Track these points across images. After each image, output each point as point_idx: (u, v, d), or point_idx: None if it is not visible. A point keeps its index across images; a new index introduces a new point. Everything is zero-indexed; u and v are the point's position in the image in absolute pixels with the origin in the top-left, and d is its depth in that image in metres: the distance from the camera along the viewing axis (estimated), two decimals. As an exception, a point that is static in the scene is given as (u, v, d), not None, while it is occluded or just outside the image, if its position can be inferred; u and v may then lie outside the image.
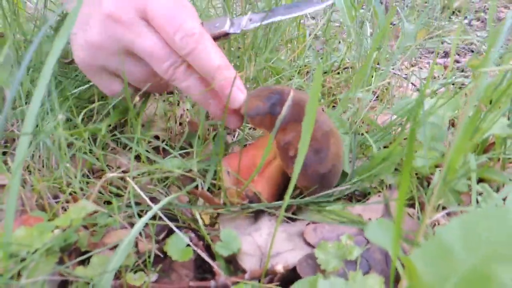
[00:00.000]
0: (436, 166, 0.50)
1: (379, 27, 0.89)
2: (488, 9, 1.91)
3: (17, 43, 0.78)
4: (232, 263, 0.43)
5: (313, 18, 2.38)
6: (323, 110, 0.79)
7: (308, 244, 0.44)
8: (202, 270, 0.43)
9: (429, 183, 0.52)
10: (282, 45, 0.99)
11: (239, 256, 0.42)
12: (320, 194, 0.48)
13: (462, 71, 1.35)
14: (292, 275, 0.40)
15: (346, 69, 0.93)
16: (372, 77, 0.84)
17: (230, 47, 0.89)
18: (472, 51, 1.57)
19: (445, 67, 1.43)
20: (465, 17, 1.84)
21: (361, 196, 0.54)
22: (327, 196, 0.49)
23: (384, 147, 0.59)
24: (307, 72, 1.02)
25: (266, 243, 0.43)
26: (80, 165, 0.50)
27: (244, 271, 0.41)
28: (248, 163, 0.48)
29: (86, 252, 0.44)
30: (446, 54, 1.59)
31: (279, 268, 0.38)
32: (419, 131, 0.49)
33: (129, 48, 0.49)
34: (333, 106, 0.83)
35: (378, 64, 0.91)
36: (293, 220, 0.48)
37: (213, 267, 0.40)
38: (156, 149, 0.62)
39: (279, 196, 0.49)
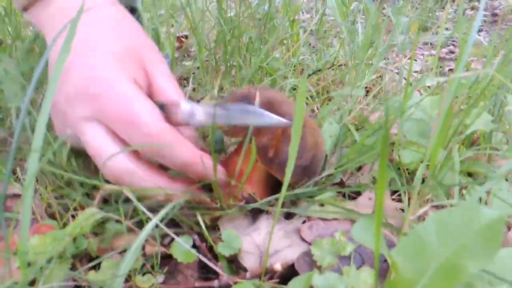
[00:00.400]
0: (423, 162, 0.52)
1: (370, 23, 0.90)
2: (481, -3, 1.91)
3: (16, 50, 0.80)
4: (234, 263, 0.45)
5: (308, 12, 2.39)
6: (313, 112, 0.81)
7: (305, 240, 0.47)
8: (206, 270, 0.45)
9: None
10: (276, 44, 1.00)
11: (240, 255, 0.45)
12: (309, 183, 0.50)
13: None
14: (290, 271, 0.43)
15: (340, 66, 0.95)
16: (366, 73, 0.86)
17: (226, 49, 0.91)
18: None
19: (440, 58, 1.44)
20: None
21: (354, 193, 0.56)
22: (316, 185, 0.51)
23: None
24: (302, 69, 1.04)
25: (264, 242, 0.46)
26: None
27: (245, 270, 0.44)
28: (235, 169, 0.50)
29: (97, 257, 0.46)
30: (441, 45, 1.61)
31: (277, 267, 0.41)
32: (405, 127, 0.52)
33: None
34: (327, 104, 0.85)
35: (371, 60, 0.93)
36: (289, 217, 0.50)
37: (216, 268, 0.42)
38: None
39: (271, 192, 0.52)
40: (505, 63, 0.50)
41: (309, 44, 1.26)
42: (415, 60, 1.41)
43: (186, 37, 1.34)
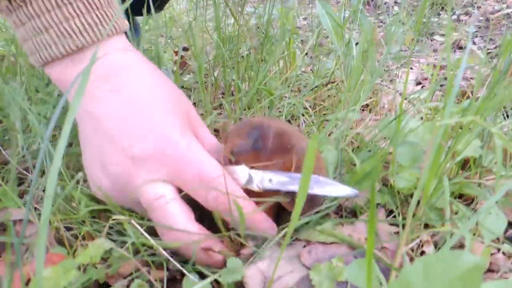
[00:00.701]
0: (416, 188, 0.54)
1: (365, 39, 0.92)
2: (476, 3, 1.94)
3: (21, 69, 0.83)
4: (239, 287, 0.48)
5: (305, 19, 2.41)
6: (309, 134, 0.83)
7: (305, 265, 0.49)
8: (211, 296, 0.48)
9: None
10: (274, 63, 1.03)
11: (245, 281, 0.47)
12: (312, 211, 0.53)
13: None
14: (292, 297, 0.45)
15: (337, 84, 0.97)
16: (362, 92, 0.88)
17: (225, 70, 0.93)
18: (461, 48, 1.61)
19: (435, 66, 1.47)
20: (454, 12, 1.88)
21: (351, 214, 0.59)
22: (317, 213, 0.54)
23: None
24: (300, 84, 1.06)
25: (268, 268, 0.48)
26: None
27: (250, 295, 0.46)
28: None
29: (104, 283, 0.49)
30: (435, 51, 1.63)
31: (278, 297, 0.43)
32: (398, 152, 0.54)
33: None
34: (325, 121, 0.87)
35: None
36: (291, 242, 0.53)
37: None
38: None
39: (276, 223, 0.54)
40: (493, 93, 0.52)
41: (306, 54, 1.29)
42: (411, 68, 1.44)
43: (187, 49, 1.36)
